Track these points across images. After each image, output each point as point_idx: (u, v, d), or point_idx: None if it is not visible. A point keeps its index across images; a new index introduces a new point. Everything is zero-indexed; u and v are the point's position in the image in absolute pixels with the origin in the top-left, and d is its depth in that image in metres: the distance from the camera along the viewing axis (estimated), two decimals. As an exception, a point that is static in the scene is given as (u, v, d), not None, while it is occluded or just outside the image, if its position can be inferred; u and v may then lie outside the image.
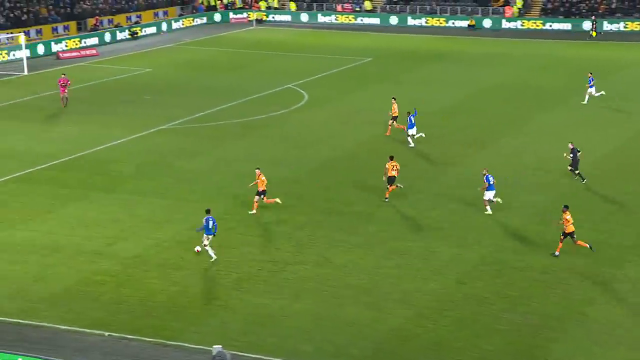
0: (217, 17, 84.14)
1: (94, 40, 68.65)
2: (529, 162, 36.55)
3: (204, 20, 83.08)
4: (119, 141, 39.85)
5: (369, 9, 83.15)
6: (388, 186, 31.61)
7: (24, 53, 58.24)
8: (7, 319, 22.58)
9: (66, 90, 45.93)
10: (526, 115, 44.96)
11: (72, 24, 70.70)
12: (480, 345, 21.68)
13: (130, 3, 78.11)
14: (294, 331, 22.27)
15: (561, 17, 76.93)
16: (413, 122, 38.31)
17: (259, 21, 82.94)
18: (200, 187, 33.39)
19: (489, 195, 30.29)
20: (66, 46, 65.52)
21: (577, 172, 33.38)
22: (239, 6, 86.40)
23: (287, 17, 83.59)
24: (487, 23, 78.03)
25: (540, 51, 65.22)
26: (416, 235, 28.63)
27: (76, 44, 66.51)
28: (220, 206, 31.02)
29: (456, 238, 28.33)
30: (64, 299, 23.76)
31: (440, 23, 78.87)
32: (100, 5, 75.02)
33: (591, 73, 47.98)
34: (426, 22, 79.09)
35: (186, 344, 21.53)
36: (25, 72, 56.18)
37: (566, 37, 71.75)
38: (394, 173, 31.39)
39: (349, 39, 72.86)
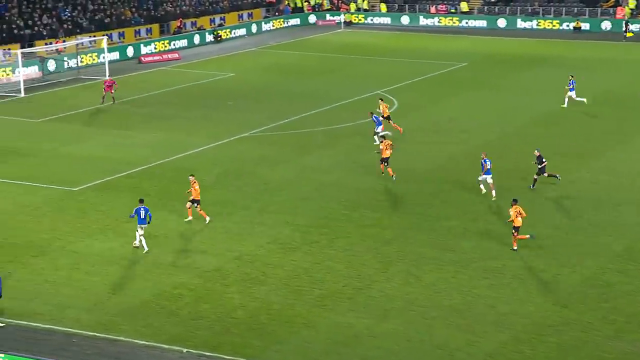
0: (304, 19, 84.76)
1: (177, 44, 70.11)
2: (635, 178, 35.41)
3: (290, 22, 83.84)
4: (199, 149, 40.44)
5: (465, 10, 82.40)
6: (381, 166, 34.56)
7: (106, 57, 59.88)
8: (85, 332, 23.07)
9: (112, 90, 48.63)
10: (635, 127, 43.62)
11: (155, 27, 72.39)
12: (582, 375, 21.02)
13: (214, 5, 79.50)
14: (381, 353, 22.05)
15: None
16: (380, 120, 40.25)
17: (348, 23, 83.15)
18: (283, 197, 33.55)
19: (483, 177, 33.04)
20: (149, 49, 67.10)
21: (544, 175, 33.70)
22: (326, 8, 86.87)
23: (386, 20, 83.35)
24: (593, 25, 76.26)
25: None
26: (513, 253, 28.04)
27: (159, 47, 68.06)
28: (304, 218, 31.09)
29: (557, 257, 27.61)
30: (141, 313, 24.15)
31: (546, 25, 77.47)
32: (184, 7, 76.56)
33: (572, 75, 47.73)
34: (534, 24, 77.78)
35: (266, 364, 21.57)
36: (107, 77, 57.65)
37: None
38: (387, 153, 34.06)
39: (443, 42, 72.33)
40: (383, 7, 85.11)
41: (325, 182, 35.48)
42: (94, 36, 63.84)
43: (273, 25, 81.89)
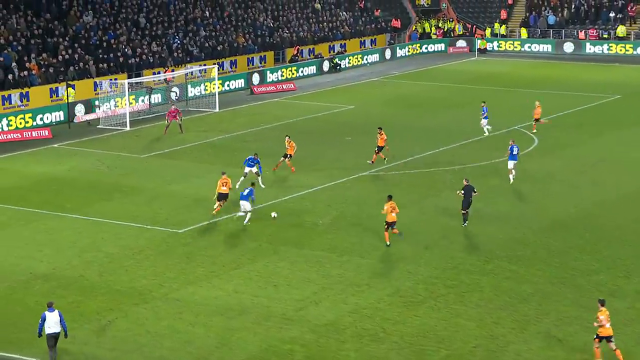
0: (433, 46, 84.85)
1: (293, 73, 71.34)
2: None
3: (418, 49, 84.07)
4: (314, 189, 40.81)
5: (621, 35, 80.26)
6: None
7: (216, 87, 61.48)
8: (186, 388, 23.45)
9: (178, 119, 50.81)
10: None
11: (270, 55, 73.85)
12: None
13: (334, 31, 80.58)
14: None
15: None
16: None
17: (482, 51, 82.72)
18: (406, 245, 33.39)
19: (510, 164, 39.02)
20: (262, 79, 68.52)
21: (466, 211, 34.67)
22: (459, 33, 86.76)
23: (525, 47, 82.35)
24: None
25: None
26: (672, 316, 26.97)
27: (273, 77, 69.41)
28: (429, 268, 30.83)
29: None
30: (247, 369, 24.37)
31: None
32: (301, 33, 77.90)
33: (484, 102, 47.84)
34: None
35: None
36: (217, 109, 59.21)
37: None
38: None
39: (592, 72, 71.01)
40: (523, 33, 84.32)
41: (454, 228, 35.13)
42: (204, 65, 65.67)
43: (398, 53, 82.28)
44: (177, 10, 72.31)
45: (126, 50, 63.83)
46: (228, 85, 66.31)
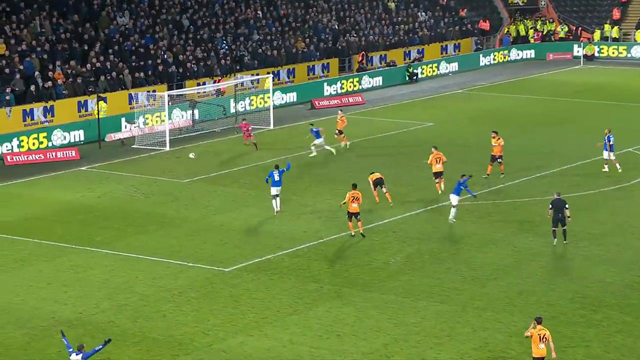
0: (529, 52, 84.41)
1: (360, 84, 71.54)
2: None
3: (511, 56, 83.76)
4: (384, 221, 40.76)
5: None
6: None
7: (271, 100, 61.88)
8: None
9: (251, 135, 52.40)
10: None
11: (333, 62, 74.18)
12: None
13: (410, 35, 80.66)
14: None
15: None
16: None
17: (589, 57, 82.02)
18: (495, 289, 33.15)
19: (606, 155, 44.19)
20: (324, 91, 68.81)
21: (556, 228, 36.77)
22: (561, 36, 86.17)
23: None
24: None
25: None
26: None
27: (340, 89, 69.66)
28: (523, 318, 30.51)
29: None
30: None
31: None
32: (371, 37, 78.12)
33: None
34: None
35: None
36: (271, 126, 59.57)
37: None
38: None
39: None
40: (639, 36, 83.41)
41: (554, 269, 34.83)
42: (257, 74, 66.17)
43: (486, 60, 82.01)
44: (226, 11, 73.08)
45: (166, 57, 64.61)
46: (285, 98, 66.73)
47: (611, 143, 43.13)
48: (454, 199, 39.71)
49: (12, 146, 53.11)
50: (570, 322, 30.46)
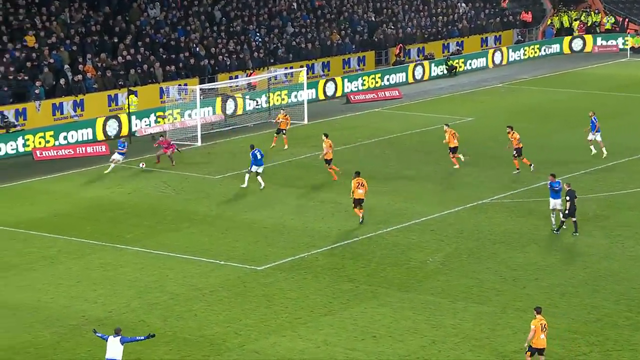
0: (573, 44, 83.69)
1: (397, 77, 71.41)
2: None
3: (553, 48, 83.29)
4: (422, 219, 40.69)
5: None
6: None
7: (304, 94, 61.87)
8: None
9: (168, 151, 49.78)
10: None
11: (370, 55, 74.16)
12: None
13: (449, 27, 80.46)
14: None
15: None
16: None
17: (636, 50, 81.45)
18: (538, 291, 33.00)
19: (590, 136, 46.09)
20: (360, 85, 68.75)
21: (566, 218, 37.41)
22: (607, 28, 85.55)
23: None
24: None
25: None
26: None
27: (372, 83, 69.60)
28: (566, 320, 30.37)
29: None
30: None
31: None
32: (408, 29, 77.99)
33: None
34: None
35: None
36: (305, 121, 59.60)
37: None
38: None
39: None
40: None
41: (598, 270, 34.63)
42: (291, 67, 66.21)
43: (528, 53, 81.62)
44: (260, 2, 73.21)
45: (198, 50, 64.83)
46: (319, 92, 66.69)
47: (597, 125, 46.35)
48: (556, 203, 38.83)
49: (41, 141, 53.45)
50: (616, 325, 30.27)
